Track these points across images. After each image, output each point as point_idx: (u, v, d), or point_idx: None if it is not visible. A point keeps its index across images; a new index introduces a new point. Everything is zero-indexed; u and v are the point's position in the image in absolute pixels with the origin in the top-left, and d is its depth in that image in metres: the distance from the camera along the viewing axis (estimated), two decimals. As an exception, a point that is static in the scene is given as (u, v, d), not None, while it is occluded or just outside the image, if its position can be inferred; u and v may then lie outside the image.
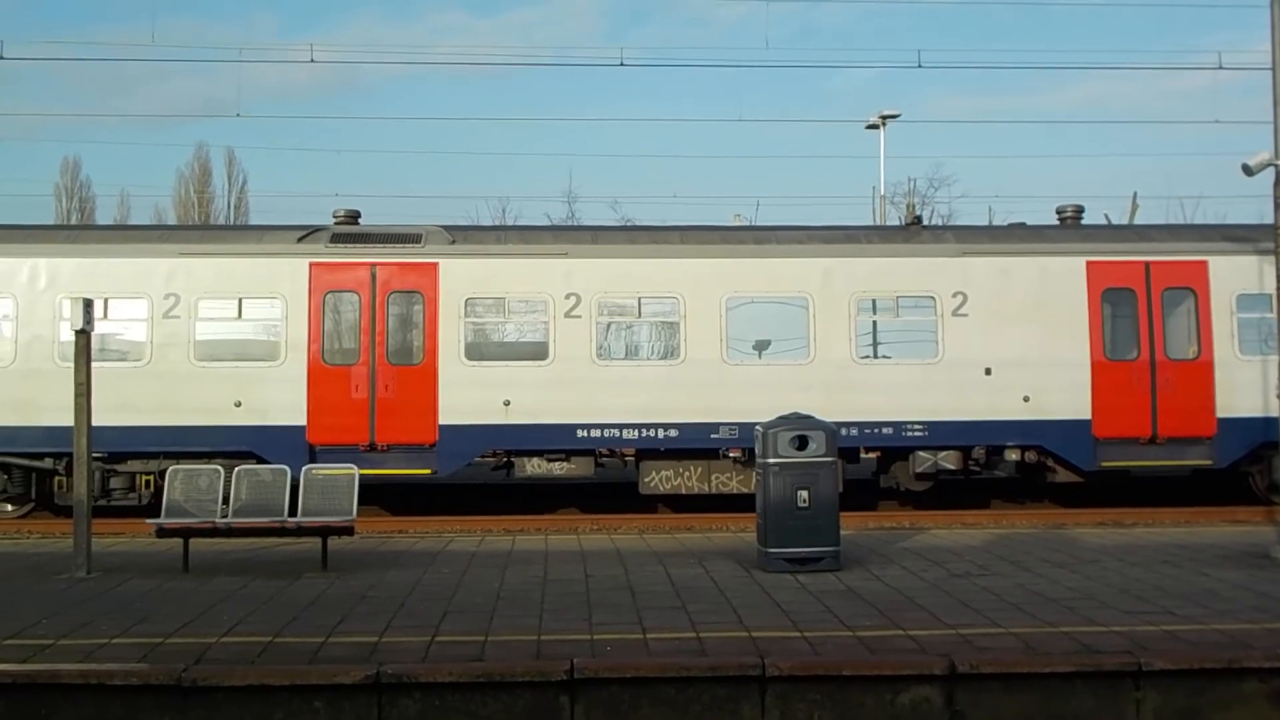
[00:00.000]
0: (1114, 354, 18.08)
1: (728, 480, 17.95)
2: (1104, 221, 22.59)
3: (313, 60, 25.93)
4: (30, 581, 11.50)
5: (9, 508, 17.91)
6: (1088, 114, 69.59)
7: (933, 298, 18.01)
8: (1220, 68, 27.40)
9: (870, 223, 34.08)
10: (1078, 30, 68.89)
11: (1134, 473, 18.86)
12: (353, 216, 19.02)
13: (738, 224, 29.55)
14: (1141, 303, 18.18)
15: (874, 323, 18.22)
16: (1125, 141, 70.89)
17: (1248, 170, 13.54)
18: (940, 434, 17.78)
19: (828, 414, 13.25)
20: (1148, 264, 18.28)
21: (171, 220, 52.18)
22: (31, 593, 10.87)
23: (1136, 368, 18.01)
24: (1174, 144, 67.55)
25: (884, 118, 35.23)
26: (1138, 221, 33.24)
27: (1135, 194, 38.76)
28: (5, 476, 17.56)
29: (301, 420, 17.34)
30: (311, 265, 17.70)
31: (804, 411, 12.77)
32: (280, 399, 17.33)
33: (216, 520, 12.04)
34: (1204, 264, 18.26)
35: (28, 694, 7.92)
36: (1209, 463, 18.05)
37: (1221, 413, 17.88)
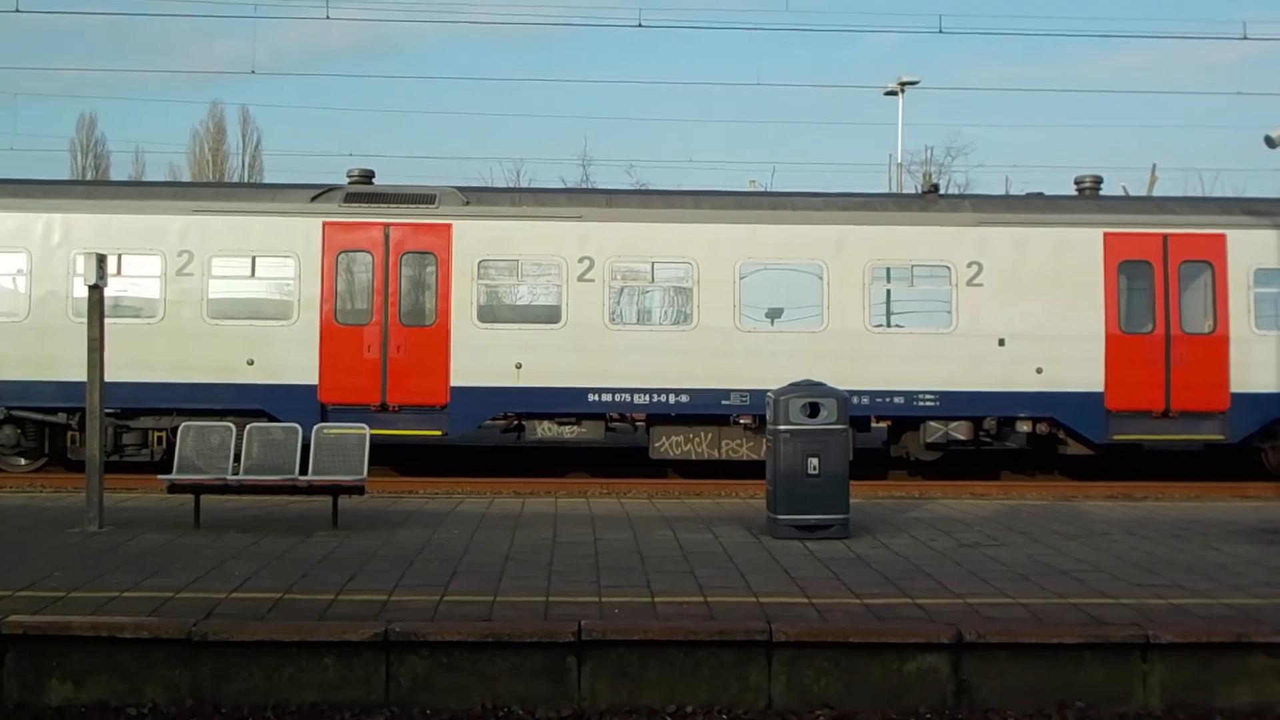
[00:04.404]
0: (1128, 327, 17.99)
1: (738, 447, 17.95)
2: (1122, 193, 22.44)
3: (328, 18, 25.76)
4: (43, 534, 11.56)
5: (22, 461, 18.02)
6: (1108, 84, 69.00)
7: (948, 267, 17.93)
8: (1245, 38, 27.12)
9: (886, 190, 33.90)
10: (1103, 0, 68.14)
11: (1145, 446, 18.82)
12: (367, 176, 18.98)
13: (753, 190, 29.40)
14: (1158, 275, 18.08)
15: (888, 291, 18.18)
16: (1145, 113, 70.34)
17: (1270, 143, 13.42)
18: (952, 404, 17.75)
19: (839, 382, 13.20)
20: (1165, 236, 18.16)
21: (186, 178, 52.15)
22: (44, 546, 10.93)
23: (1151, 341, 17.92)
24: (1195, 116, 67.02)
25: (903, 84, 35.00)
26: (1156, 193, 33.05)
27: (1154, 166, 38.56)
28: (19, 430, 17.68)
29: (313, 379, 17.39)
30: (325, 225, 17.69)
31: (816, 379, 12.75)
32: (292, 358, 17.38)
33: (228, 477, 12.08)
34: (1222, 237, 18.13)
35: (39, 645, 7.97)
36: (1221, 438, 18.00)
37: (1235, 388, 17.82)
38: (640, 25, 26.62)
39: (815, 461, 11.75)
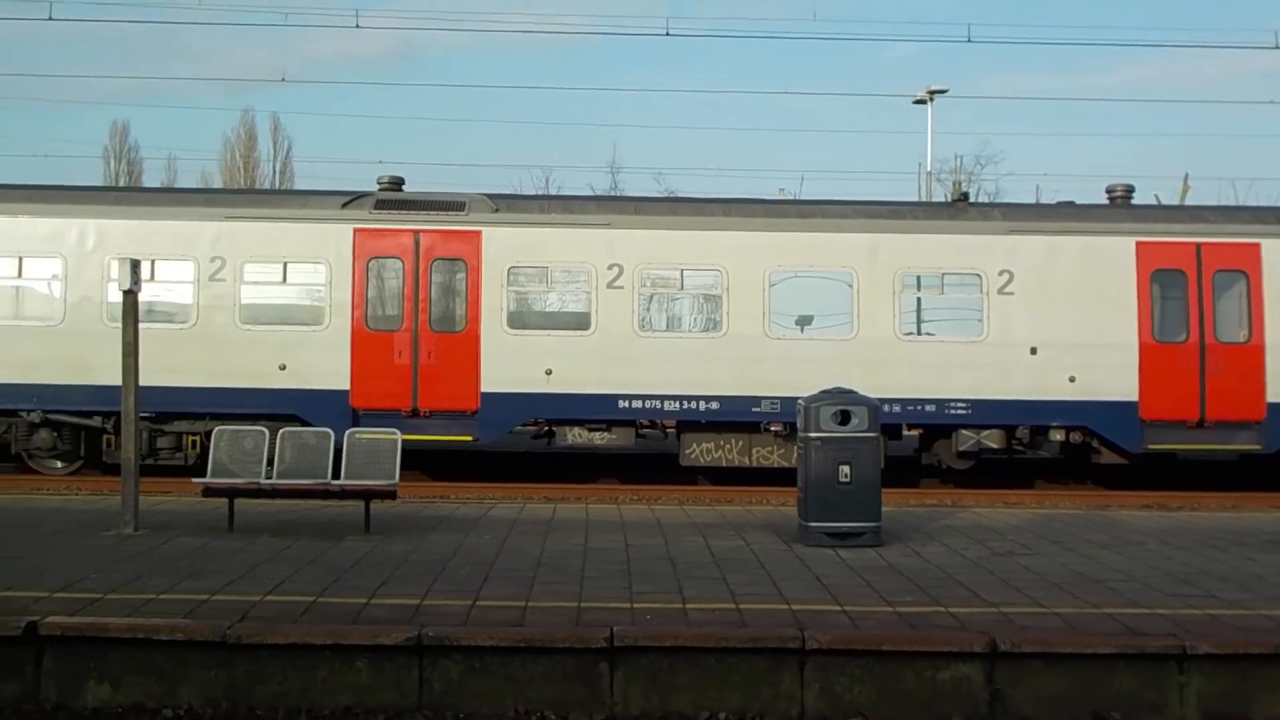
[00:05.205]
0: (1162, 336, 17.85)
1: (769, 454, 17.90)
2: (1154, 202, 22.29)
3: (358, 26, 25.91)
4: (79, 537, 11.66)
5: (59, 465, 18.19)
6: (1140, 93, 68.61)
7: (978, 275, 17.85)
8: (1277, 47, 26.89)
9: (916, 199, 33.81)
10: (1133, 8, 67.81)
11: (1180, 456, 18.65)
12: (397, 183, 19.06)
13: (782, 198, 29.37)
14: (1192, 284, 17.93)
15: (918, 299, 18.10)
16: (1178, 121, 69.87)
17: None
18: (984, 412, 17.65)
19: (870, 390, 13.16)
20: (1199, 245, 18.01)
21: (218, 185, 52.56)
22: (80, 548, 11.03)
23: (1185, 350, 17.78)
24: (1228, 124, 66.54)
25: (932, 93, 34.88)
26: (1189, 202, 32.82)
27: (1187, 175, 38.35)
28: (55, 434, 17.83)
29: (345, 384, 17.47)
30: (356, 231, 17.79)
31: (846, 387, 12.71)
32: (324, 363, 17.46)
33: (261, 481, 12.14)
34: (1257, 246, 17.98)
35: (76, 646, 8.04)
36: (1257, 447, 17.82)
37: (1272, 397, 17.64)
38: (668, 34, 26.83)
39: (847, 469, 11.72)
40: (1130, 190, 19.41)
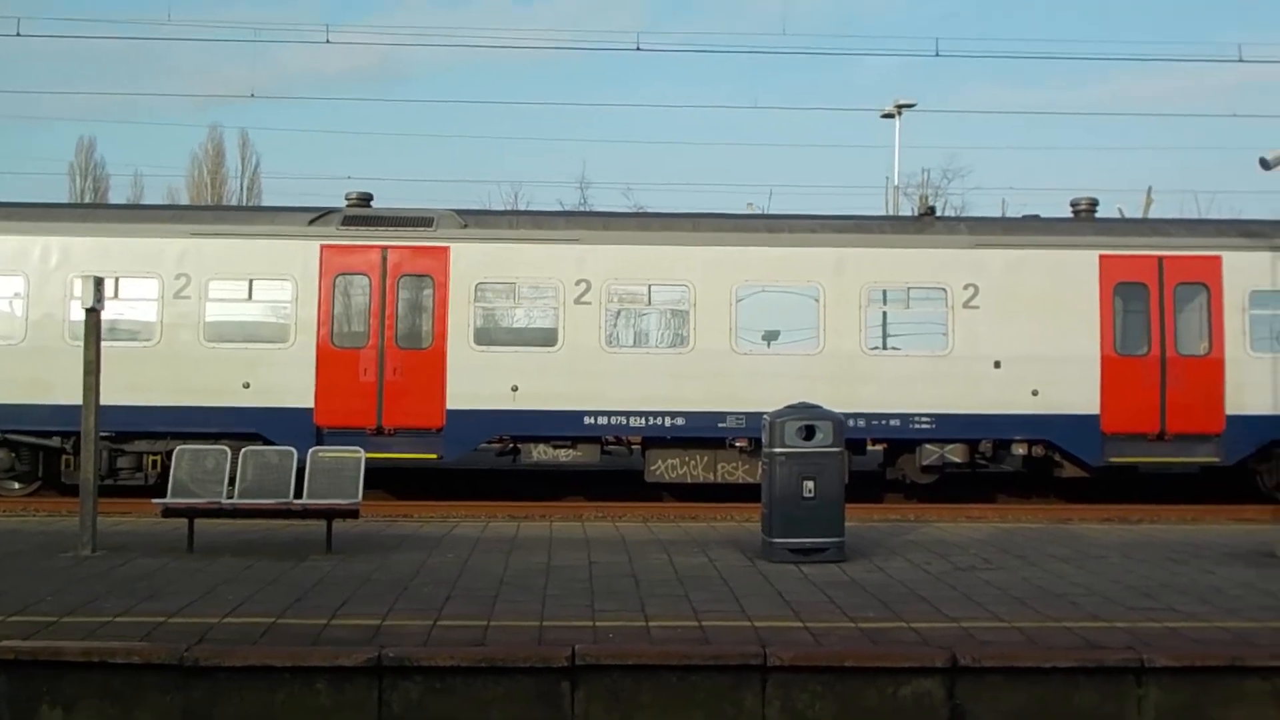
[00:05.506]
0: (1124, 349, 17.98)
1: (734, 470, 17.90)
2: (1118, 215, 22.49)
3: (328, 42, 25.91)
4: (35, 559, 11.54)
5: (16, 485, 17.96)
6: (1104, 107, 69.28)
7: (944, 289, 17.94)
8: (1240, 60, 27.36)
9: (883, 213, 33.96)
10: (1098, 23, 68.53)
11: (1141, 469, 18.77)
12: (365, 199, 19.00)
13: (750, 212, 29.45)
14: (1154, 297, 18.07)
15: (884, 314, 18.16)
16: (1141, 135, 70.64)
17: (1265, 164, 13.50)
18: (948, 427, 17.72)
19: (835, 405, 13.20)
20: (1161, 258, 18.16)
21: (185, 201, 52.22)
22: (36, 570, 10.91)
23: (1146, 363, 17.91)
24: (1190, 138, 67.28)
25: (899, 107, 35.02)
26: (1152, 215, 33.13)
27: (1150, 188, 38.63)
28: (13, 454, 17.63)
29: (309, 402, 17.36)
30: (322, 247, 17.70)
31: (812, 402, 12.74)
32: (289, 381, 17.34)
33: (222, 501, 12.06)
34: (1218, 259, 18.13)
35: (30, 670, 7.95)
36: (1217, 460, 17.96)
37: (1231, 410, 17.78)
38: (638, 49, 26.74)
39: (810, 484, 11.75)
40: (1094, 203, 19.56)
